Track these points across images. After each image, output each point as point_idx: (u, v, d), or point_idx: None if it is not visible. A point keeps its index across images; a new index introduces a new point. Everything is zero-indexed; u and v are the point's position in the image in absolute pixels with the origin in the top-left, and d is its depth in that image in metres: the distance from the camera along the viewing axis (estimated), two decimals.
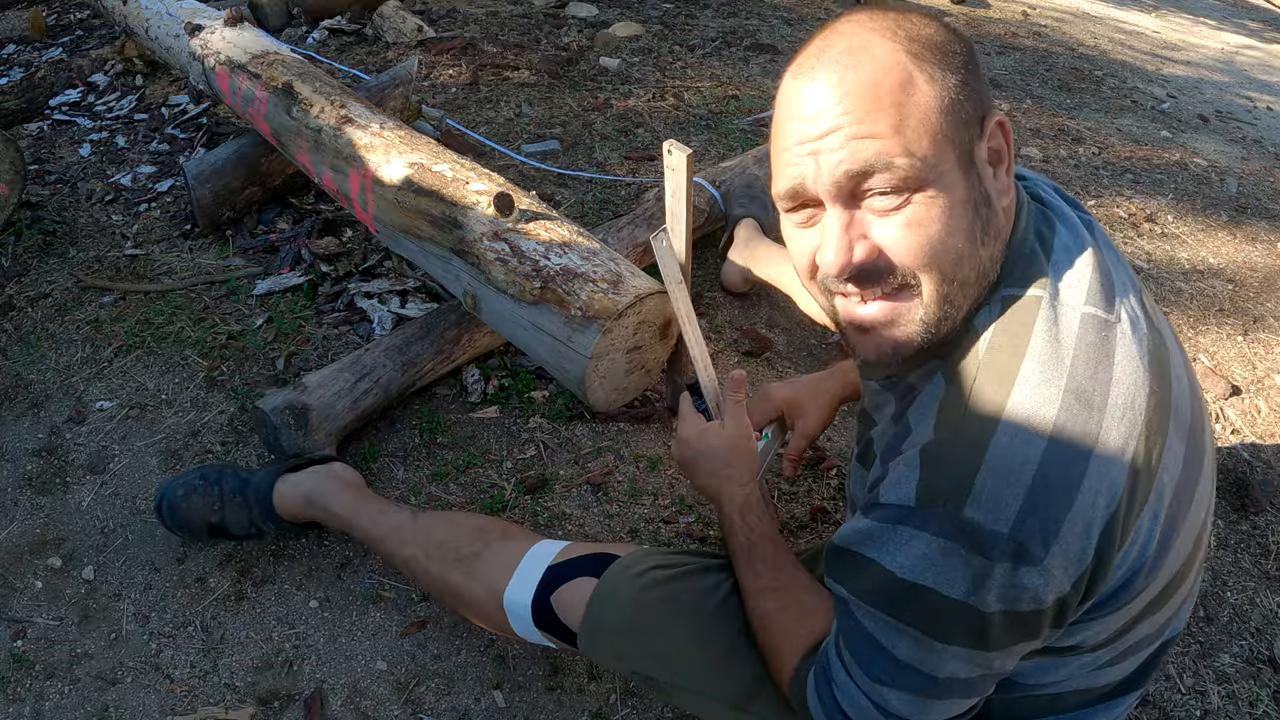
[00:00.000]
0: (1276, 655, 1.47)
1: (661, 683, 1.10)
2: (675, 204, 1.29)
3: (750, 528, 1.09)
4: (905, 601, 0.78)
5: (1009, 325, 0.79)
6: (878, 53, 0.77)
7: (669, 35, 3.51)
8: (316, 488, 1.45)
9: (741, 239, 2.04)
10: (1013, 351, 0.77)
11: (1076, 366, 0.76)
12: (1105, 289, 0.80)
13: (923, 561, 0.76)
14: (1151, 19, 5.17)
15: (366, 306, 1.99)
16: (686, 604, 1.10)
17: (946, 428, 0.78)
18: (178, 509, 1.44)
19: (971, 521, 0.73)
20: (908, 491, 0.77)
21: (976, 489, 0.73)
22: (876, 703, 0.84)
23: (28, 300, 2.05)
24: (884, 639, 0.81)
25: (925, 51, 0.77)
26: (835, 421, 1.82)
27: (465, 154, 2.08)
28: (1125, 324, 0.79)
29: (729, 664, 1.06)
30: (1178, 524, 0.81)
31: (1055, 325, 0.77)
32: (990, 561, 0.73)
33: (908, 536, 0.76)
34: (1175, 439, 0.80)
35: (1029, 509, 0.72)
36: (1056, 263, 0.81)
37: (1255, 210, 2.78)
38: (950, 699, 0.83)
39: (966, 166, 0.78)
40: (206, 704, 1.33)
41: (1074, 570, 0.74)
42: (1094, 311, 0.78)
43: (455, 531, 1.30)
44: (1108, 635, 0.85)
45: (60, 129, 2.80)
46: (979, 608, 0.74)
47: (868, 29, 0.78)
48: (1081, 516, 0.73)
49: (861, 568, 0.80)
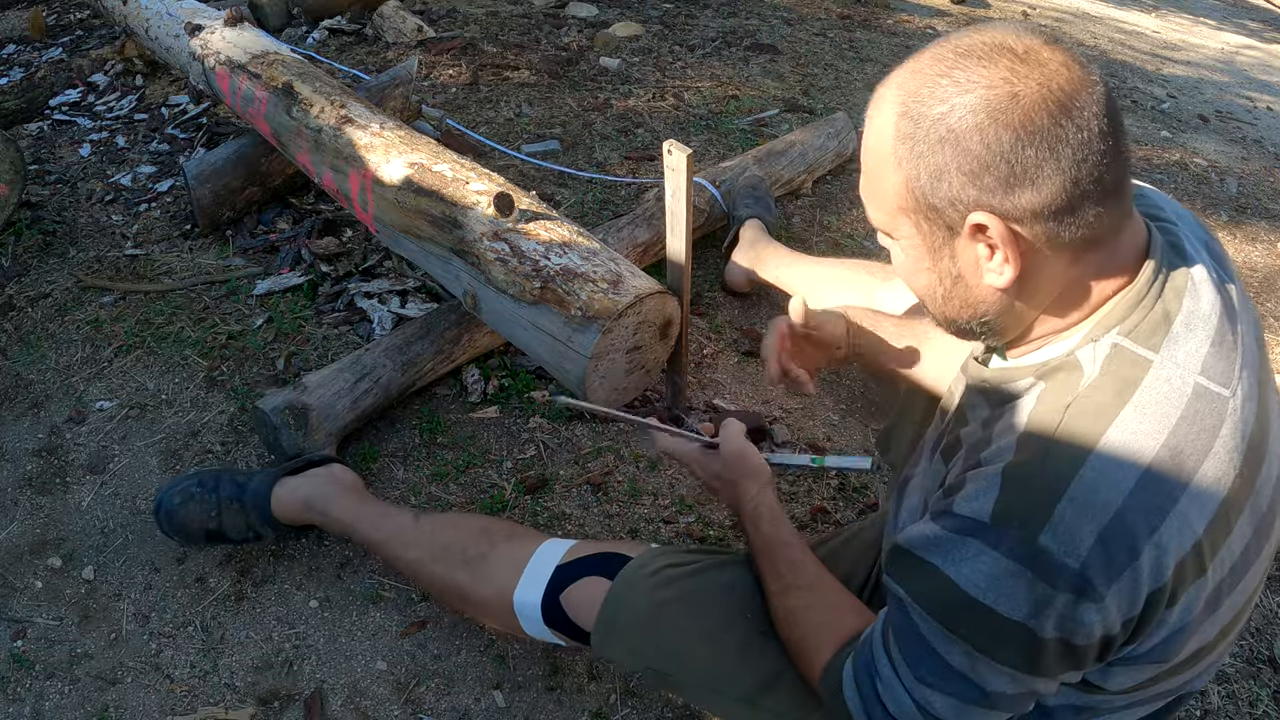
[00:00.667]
0: (1276, 655, 1.47)
1: (675, 680, 1.11)
2: (675, 204, 1.30)
3: (763, 532, 1.10)
4: (962, 614, 0.78)
5: (1118, 370, 0.79)
6: (882, 113, 0.81)
7: (669, 35, 3.51)
8: (315, 492, 1.44)
9: (747, 240, 2.04)
10: (1117, 395, 0.78)
11: (1180, 428, 0.76)
12: (1225, 362, 0.80)
13: (987, 579, 0.76)
14: (1151, 19, 5.17)
15: (366, 306, 1.99)
16: (700, 601, 1.11)
17: (1033, 450, 0.79)
18: (175, 516, 1.44)
19: (1044, 549, 0.74)
20: (984, 507, 0.78)
21: (1055, 518, 0.74)
22: (919, 702, 0.85)
23: (28, 300, 2.05)
24: (937, 644, 0.82)
25: (914, 127, 0.78)
26: (835, 420, 1.82)
27: (465, 154, 2.08)
28: (1237, 400, 0.80)
29: (742, 660, 1.07)
30: (1222, 600, 0.82)
31: (1167, 385, 0.78)
32: (1055, 591, 0.74)
33: (975, 550, 0.77)
34: (1246, 524, 0.81)
35: (1100, 548, 0.73)
36: (1178, 330, 0.80)
37: (1255, 210, 2.78)
38: (992, 710, 0.83)
39: (935, 247, 0.82)
40: (206, 704, 1.33)
41: (1125, 612, 0.75)
42: (1207, 384, 0.79)
43: (459, 533, 1.30)
44: (1133, 685, 0.86)
45: (60, 129, 2.80)
46: (1037, 632, 0.75)
47: (898, 74, 0.81)
48: (1147, 566, 0.74)
49: (924, 573, 0.81)
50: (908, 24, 4.05)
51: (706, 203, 2.16)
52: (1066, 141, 0.73)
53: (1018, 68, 0.74)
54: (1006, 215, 0.76)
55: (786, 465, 1.68)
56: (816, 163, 2.47)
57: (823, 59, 3.44)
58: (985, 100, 0.74)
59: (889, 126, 0.80)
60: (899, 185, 0.80)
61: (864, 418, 1.85)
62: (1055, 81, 0.74)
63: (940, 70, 0.77)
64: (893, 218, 0.83)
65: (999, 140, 0.74)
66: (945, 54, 0.77)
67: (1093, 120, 0.74)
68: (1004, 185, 0.75)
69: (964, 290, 0.83)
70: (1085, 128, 0.74)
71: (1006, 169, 0.74)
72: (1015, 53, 0.75)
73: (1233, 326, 0.82)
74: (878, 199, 0.83)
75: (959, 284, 0.83)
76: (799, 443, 1.76)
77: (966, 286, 0.83)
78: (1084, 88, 0.74)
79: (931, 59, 0.78)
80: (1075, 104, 0.73)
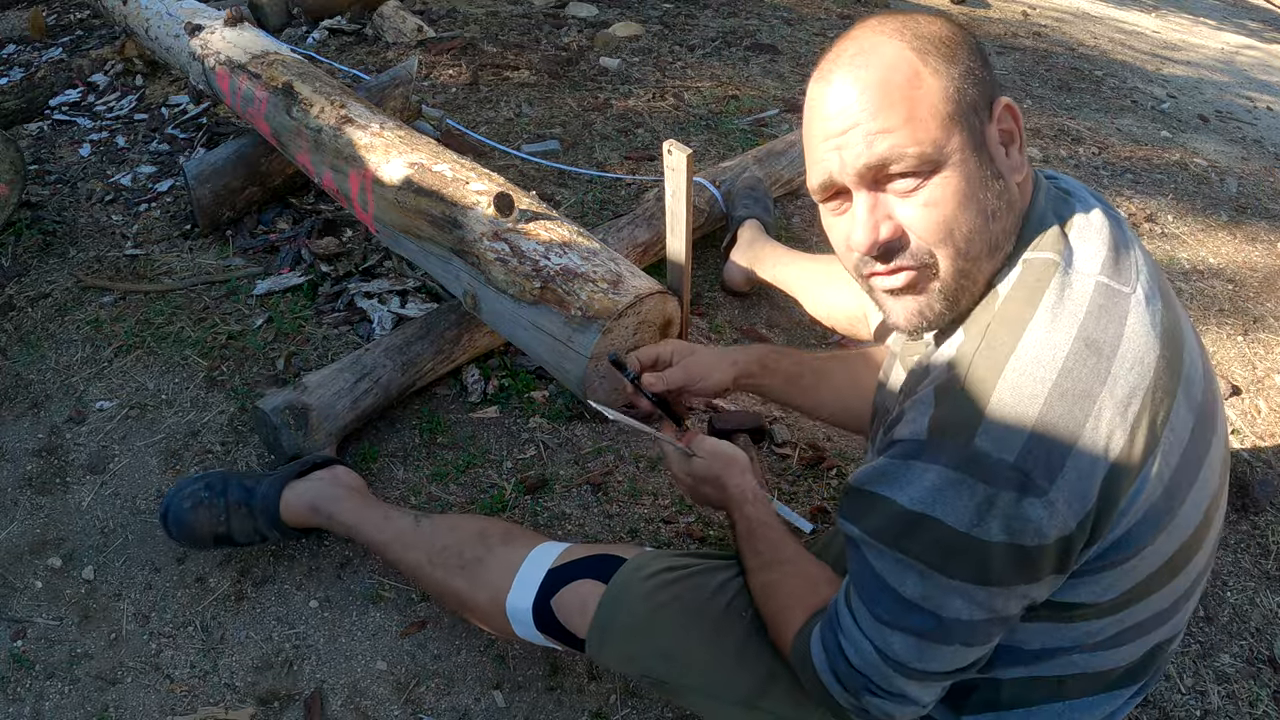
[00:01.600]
0: (1276, 655, 1.47)
1: (671, 684, 1.11)
2: (675, 204, 1.30)
3: (749, 516, 1.13)
4: (912, 532, 0.80)
5: (1025, 281, 0.85)
6: (886, 52, 0.85)
7: (669, 35, 3.51)
8: (321, 495, 1.45)
9: (745, 240, 2.04)
10: (1025, 302, 0.83)
11: (1088, 320, 0.81)
12: (1121, 265, 0.85)
13: (931, 492, 0.79)
14: (1151, 19, 5.17)
15: (366, 306, 1.99)
16: (696, 605, 1.11)
17: (960, 368, 0.83)
18: (184, 521, 1.44)
19: (980, 451, 0.77)
20: (921, 426, 0.81)
21: (986, 420, 0.78)
22: (879, 647, 0.86)
23: (28, 300, 2.05)
24: (890, 577, 0.84)
25: (930, 47, 0.85)
26: None
27: (465, 154, 2.08)
28: (1140, 295, 0.84)
29: (739, 663, 1.07)
30: (1183, 489, 0.84)
31: (1069, 286, 0.83)
32: (995, 490, 0.76)
33: (920, 470, 0.80)
34: (1184, 406, 0.84)
35: (1035, 441, 0.76)
36: (1073, 235, 0.87)
37: (1255, 210, 2.78)
38: (954, 644, 0.84)
39: (978, 147, 0.85)
40: (206, 704, 1.33)
41: (1078, 507, 0.77)
42: (1108, 281, 0.83)
43: (457, 536, 1.30)
44: (1113, 597, 0.85)
45: (60, 129, 2.80)
46: (982, 538, 0.77)
47: (876, 32, 0.87)
48: (1086, 454, 0.76)
49: (873, 504, 0.83)
50: None
51: (706, 203, 2.16)
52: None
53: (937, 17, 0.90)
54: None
55: None
56: None
57: None
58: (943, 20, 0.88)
59: (901, 56, 0.84)
60: (939, 95, 0.84)
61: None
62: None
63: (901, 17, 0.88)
64: (943, 133, 0.83)
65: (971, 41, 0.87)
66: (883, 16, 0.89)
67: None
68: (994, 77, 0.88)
69: (1006, 195, 0.86)
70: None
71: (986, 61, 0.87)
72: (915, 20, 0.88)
73: (1125, 242, 0.88)
74: (919, 122, 0.83)
75: (1005, 190, 0.86)
76: (799, 442, 1.76)
77: (1005, 187, 0.87)
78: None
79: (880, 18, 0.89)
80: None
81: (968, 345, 0.84)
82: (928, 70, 0.84)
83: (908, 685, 0.88)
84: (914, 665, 0.86)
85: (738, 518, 1.14)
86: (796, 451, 1.74)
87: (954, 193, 0.83)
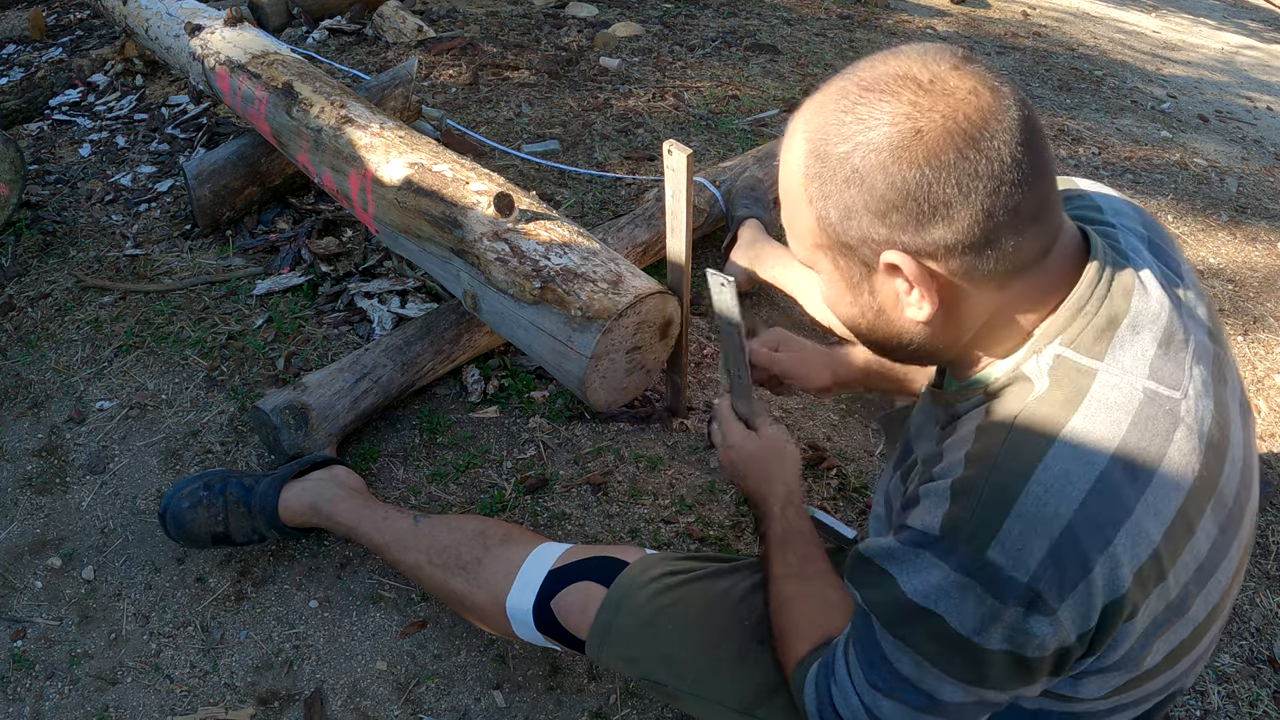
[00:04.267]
0: (1276, 655, 1.47)
1: (671, 688, 1.10)
2: (675, 204, 1.30)
3: (789, 521, 1.11)
4: (912, 622, 0.78)
5: (1065, 381, 0.77)
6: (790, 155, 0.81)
7: (669, 35, 3.51)
8: (320, 495, 1.45)
9: (745, 240, 2.04)
10: (1063, 406, 0.76)
11: (1131, 436, 0.75)
12: (1172, 362, 0.78)
13: (937, 590, 0.76)
14: (1151, 19, 5.17)
15: (366, 306, 1.99)
16: (698, 609, 1.11)
17: (980, 464, 0.77)
18: (182, 521, 1.44)
19: (992, 563, 0.73)
20: (934, 521, 0.77)
21: (1003, 533, 0.73)
22: (868, 706, 0.85)
23: (28, 300, 2.05)
24: (888, 651, 0.82)
25: (823, 169, 0.77)
26: (835, 420, 1.82)
27: (465, 154, 2.08)
28: (1190, 400, 0.78)
29: (739, 669, 1.07)
30: (1191, 601, 0.81)
31: (1115, 392, 0.76)
32: (1003, 605, 0.73)
33: (927, 563, 0.77)
34: (1210, 522, 0.80)
35: (1051, 561, 0.73)
36: (1123, 334, 0.78)
37: (1255, 210, 2.78)
38: (942, 718, 0.83)
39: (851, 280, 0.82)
40: (206, 704, 1.33)
41: (1081, 624, 0.74)
42: (1156, 387, 0.77)
43: (457, 537, 1.30)
44: (1109, 691, 0.85)
45: (60, 129, 2.80)
46: (983, 645, 0.75)
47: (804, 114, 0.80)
48: (1100, 579, 0.73)
49: (878, 580, 0.81)
50: (907, 24, 4.05)
51: (706, 202, 2.16)
52: (976, 174, 0.71)
53: (921, 100, 0.72)
54: (919, 252, 0.75)
55: None
56: None
57: (823, 59, 3.44)
58: (888, 138, 0.72)
59: (799, 163, 0.79)
60: (812, 223, 0.80)
61: (864, 418, 1.85)
62: (961, 112, 0.71)
63: (844, 106, 0.75)
64: (810, 253, 0.83)
65: (904, 178, 0.72)
66: (849, 88, 0.75)
67: (1004, 149, 0.71)
68: (914, 222, 0.74)
69: (886, 323, 0.83)
70: (996, 158, 0.71)
71: (915, 207, 0.73)
72: (920, 83, 0.73)
73: (1183, 323, 0.80)
74: (795, 234, 0.84)
75: (881, 317, 0.83)
76: (799, 442, 1.76)
77: (888, 320, 0.83)
78: (994, 115, 0.72)
79: (836, 94, 0.76)
80: (984, 134, 0.71)
81: (991, 438, 0.78)
82: (805, 196, 0.79)
83: None
84: None
85: (775, 518, 1.12)
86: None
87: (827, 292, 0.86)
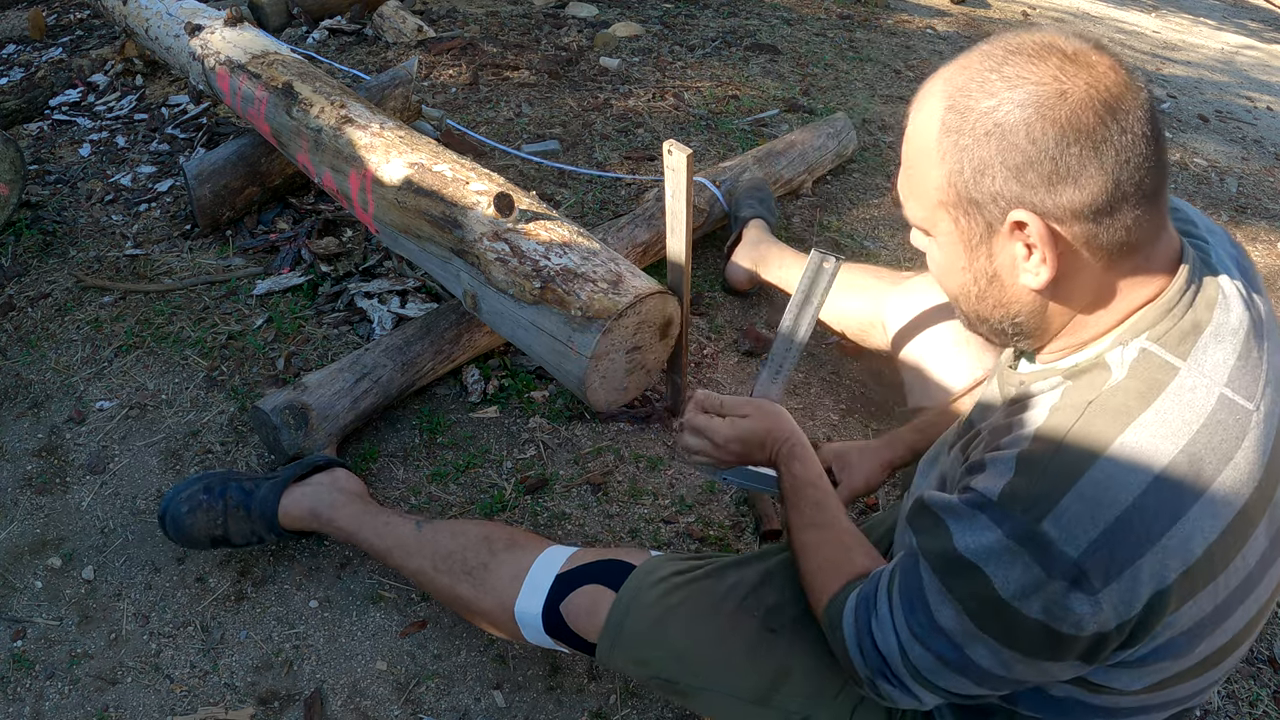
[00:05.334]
0: (1276, 655, 1.47)
1: (682, 685, 1.11)
2: (675, 204, 1.30)
3: (794, 474, 1.13)
4: (960, 574, 0.81)
5: (1143, 374, 0.80)
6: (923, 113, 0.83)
7: (669, 35, 3.51)
8: (320, 501, 1.45)
9: (750, 240, 2.04)
10: (1140, 397, 0.78)
11: (1201, 436, 0.77)
12: (1250, 373, 0.81)
13: (987, 550, 0.79)
14: (1151, 19, 5.17)
15: (366, 306, 1.99)
16: (708, 605, 1.12)
17: (1048, 440, 0.80)
18: (181, 524, 1.44)
19: (1045, 534, 0.76)
20: (995, 487, 0.80)
21: (1061, 508, 0.76)
22: (904, 646, 0.88)
23: (28, 300, 2.05)
24: (931, 598, 0.84)
25: (963, 123, 0.79)
26: (835, 420, 1.82)
27: (465, 154, 2.08)
28: (1263, 412, 0.80)
29: (751, 661, 1.08)
30: (1232, 609, 0.83)
31: (1191, 393, 0.78)
32: (1048, 577, 0.76)
33: (983, 524, 0.79)
34: (1262, 536, 0.81)
35: (1103, 543, 0.74)
36: (1208, 334, 0.80)
37: (1255, 210, 2.78)
38: (966, 677, 0.85)
39: (971, 241, 0.83)
40: (206, 704, 1.33)
41: (1123, 611, 0.76)
42: (1232, 395, 0.79)
43: (461, 542, 1.30)
44: (1141, 688, 0.86)
45: (60, 129, 2.80)
46: (1021, 610, 0.77)
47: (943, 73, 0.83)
48: (1148, 569, 0.75)
49: (936, 528, 0.84)
50: (907, 24, 4.05)
51: (707, 202, 2.16)
52: (1111, 142, 0.75)
53: (1067, 67, 0.75)
54: (1047, 213, 0.78)
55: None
56: (816, 163, 2.47)
57: (823, 59, 3.44)
58: (1034, 96, 0.75)
59: (934, 120, 0.81)
60: (941, 179, 0.81)
61: (864, 418, 1.85)
62: (1103, 83, 0.75)
63: (990, 65, 0.78)
64: (932, 213, 0.84)
65: (1045, 136, 0.75)
66: (995, 51, 0.79)
67: (1137, 124, 0.75)
68: (1046, 182, 0.76)
69: (999, 290, 0.85)
70: (1130, 130, 0.75)
71: (1050, 166, 0.76)
72: (1065, 53, 0.76)
73: (1259, 343, 0.82)
74: (918, 193, 0.84)
75: (994, 284, 0.85)
76: None
77: (1001, 286, 0.84)
78: (1130, 92, 0.75)
79: (982, 55, 0.80)
80: (1121, 106, 0.75)
81: (1063, 418, 0.80)
82: (938, 151, 0.81)
83: (915, 687, 0.90)
84: (926, 676, 0.88)
85: (783, 475, 1.15)
86: None
87: (941, 258, 0.88)
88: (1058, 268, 0.79)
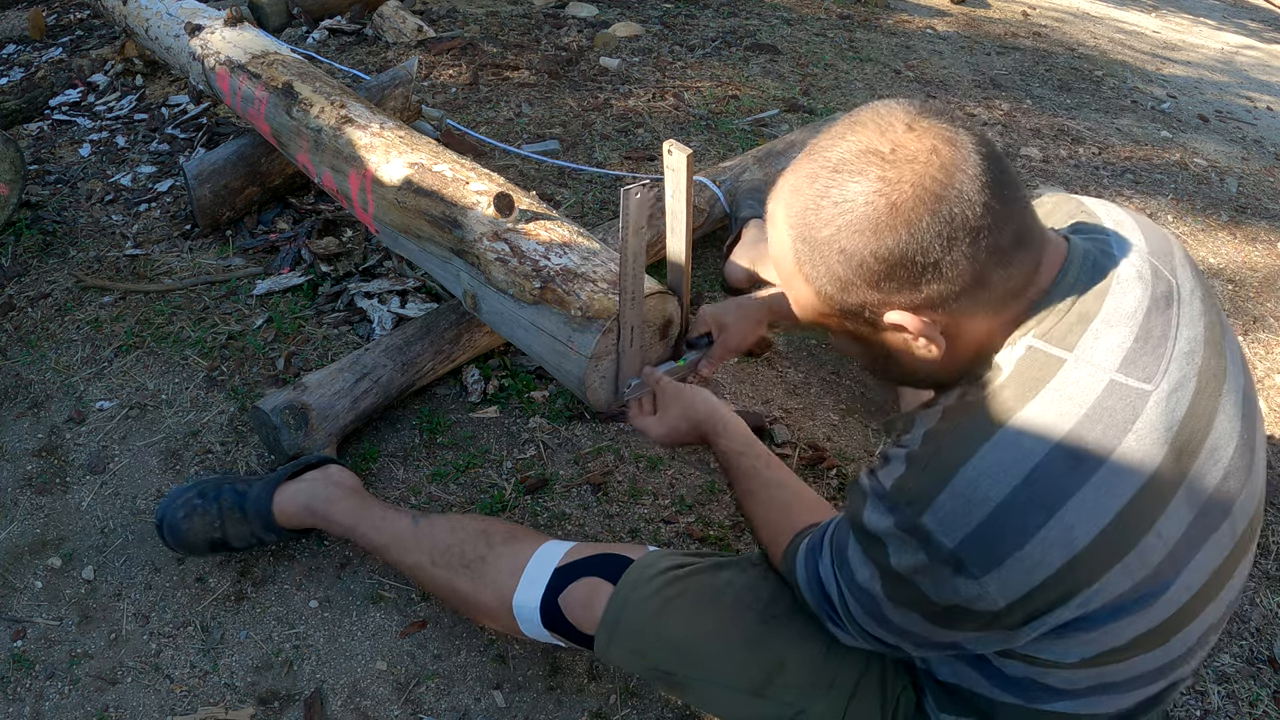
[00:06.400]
0: (1276, 655, 1.47)
1: (680, 677, 1.13)
2: (675, 204, 1.30)
3: (722, 450, 1.20)
4: (871, 545, 0.88)
5: (1029, 370, 0.82)
6: (776, 236, 0.87)
7: (669, 35, 3.51)
8: (314, 496, 1.45)
9: (750, 239, 2.04)
10: (1019, 393, 0.82)
11: (1085, 423, 0.79)
12: (1148, 354, 0.82)
13: (885, 532, 0.86)
14: (1151, 19, 5.17)
15: (366, 306, 1.99)
16: (705, 598, 1.14)
17: (934, 440, 0.85)
18: (178, 530, 1.44)
19: (924, 527, 0.82)
20: (888, 481, 0.86)
21: (937, 504, 0.81)
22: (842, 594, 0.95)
23: (28, 300, 2.05)
24: (853, 559, 0.92)
25: (813, 253, 0.83)
26: (835, 420, 1.82)
27: (465, 154, 2.08)
28: (1163, 391, 0.81)
29: (748, 651, 1.09)
30: (1163, 586, 0.83)
31: (1075, 384, 0.80)
32: (931, 561, 0.82)
33: (882, 511, 0.86)
34: (1183, 509, 0.83)
35: (977, 537, 0.79)
36: (1098, 321, 0.83)
37: (1255, 210, 2.78)
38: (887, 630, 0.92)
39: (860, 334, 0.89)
40: (206, 704, 1.33)
41: (1010, 594, 0.80)
42: (1124, 379, 0.81)
43: (459, 536, 1.30)
44: (1077, 660, 0.87)
45: (60, 129, 2.80)
46: (918, 585, 0.84)
47: (782, 196, 0.86)
48: (1031, 558, 0.78)
49: (857, 501, 0.91)
50: (907, 24, 4.05)
51: (707, 202, 2.16)
52: (953, 229, 0.77)
53: (888, 173, 0.78)
54: (919, 308, 0.82)
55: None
56: None
57: (823, 59, 3.44)
58: (866, 217, 0.78)
59: (788, 248, 0.86)
60: (812, 296, 0.87)
61: (864, 417, 1.85)
62: (927, 175, 0.77)
63: (818, 190, 0.81)
64: (817, 317, 0.90)
65: (888, 249, 0.78)
66: (819, 171, 0.82)
67: (974, 197, 0.77)
68: (908, 284, 0.80)
69: (899, 363, 0.91)
70: (968, 207, 0.77)
71: (905, 271, 0.79)
72: (882, 156, 0.78)
73: (1166, 319, 0.84)
74: (798, 303, 0.90)
75: (893, 360, 0.91)
76: (799, 442, 1.76)
77: (899, 362, 0.91)
78: (957, 169, 0.77)
79: (808, 178, 0.82)
80: (952, 189, 0.77)
81: (949, 418, 0.86)
82: (800, 275, 0.86)
83: (853, 630, 0.97)
84: (859, 623, 0.94)
85: (715, 452, 1.22)
86: (796, 451, 1.74)
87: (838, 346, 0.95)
88: (946, 337, 0.84)
